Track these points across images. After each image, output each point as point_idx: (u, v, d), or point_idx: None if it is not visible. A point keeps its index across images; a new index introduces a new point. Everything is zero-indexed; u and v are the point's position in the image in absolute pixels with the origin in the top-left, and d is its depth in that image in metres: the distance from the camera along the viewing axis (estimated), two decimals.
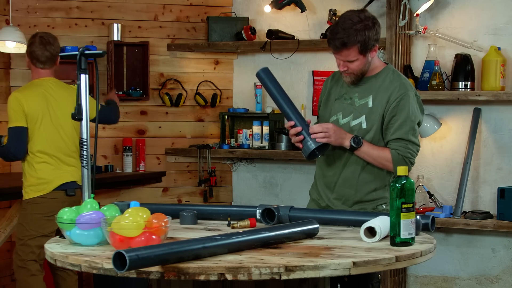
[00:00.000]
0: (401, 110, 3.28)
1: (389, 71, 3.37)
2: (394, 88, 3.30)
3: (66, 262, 2.45)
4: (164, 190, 5.79)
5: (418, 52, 5.10)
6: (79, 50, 2.86)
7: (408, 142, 3.28)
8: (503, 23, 4.88)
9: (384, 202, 3.38)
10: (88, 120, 2.88)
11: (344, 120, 3.36)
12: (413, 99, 3.32)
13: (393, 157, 3.26)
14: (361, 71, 3.32)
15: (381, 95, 3.31)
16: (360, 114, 3.33)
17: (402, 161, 3.25)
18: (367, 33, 3.22)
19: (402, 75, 3.41)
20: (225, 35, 5.63)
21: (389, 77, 3.34)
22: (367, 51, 3.26)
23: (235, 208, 3.25)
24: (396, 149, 3.27)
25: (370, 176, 3.35)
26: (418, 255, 2.52)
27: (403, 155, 3.27)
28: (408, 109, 3.28)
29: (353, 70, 3.30)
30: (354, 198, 3.36)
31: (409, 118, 3.28)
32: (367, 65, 3.31)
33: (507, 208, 4.66)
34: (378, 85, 3.34)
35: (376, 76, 3.36)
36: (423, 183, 4.99)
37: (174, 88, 5.77)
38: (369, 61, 3.30)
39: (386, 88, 3.32)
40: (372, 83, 3.35)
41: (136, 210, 2.48)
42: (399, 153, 3.27)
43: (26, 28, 5.43)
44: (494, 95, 4.70)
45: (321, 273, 2.30)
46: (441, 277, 5.12)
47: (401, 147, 3.27)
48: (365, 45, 3.23)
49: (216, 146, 5.67)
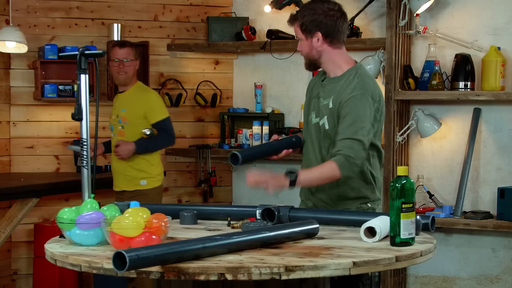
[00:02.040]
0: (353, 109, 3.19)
1: (352, 73, 3.30)
2: (351, 89, 3.24)
3: (66, 262, 2.45)
4: (164, 190, 5.78)
5: (418, 52, 5.10)
6: (79, 50, 2.86)
7: (354, 141, 3.16)
8: (503, 23, 4.88)
9: (368, 201, 3.35)
10: (88, 120, 2.88)
11: (315, 119, 3.36)
12: (368, 100, 3.21)
13: (336, 162, 3.13)
14: (306, 54, 3.33)
15: (339, 95, 3.27)
16: (323, 115, 3.31)
17: (345, 162, 3.13)
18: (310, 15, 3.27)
19: (367, 77, 3.32)
20: (225, 35, 5.63)
21: (350, 80, 3.28)
22: (308, 34, 3.29)
23: (235, 208, 3.25)
24: (339, 150, 3.16)
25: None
26: (418, 255, 2.52)
27: (344, 154, 3.13)
28: (360, 107, 3.19)
29: (302, 52, 3.35)
30: (336, 196, 3.33)
31: (359, 118, 3.18)
32: (315, 52, 3.31)
33: (507, 208, 4.65)
34: (340, 87, 3.29)
35: (341, 77, 3.31)
36: (423, 183, 4.99)
37: (174, 88, 5.77)
38: (315, 48, 3.30)
39: (345, 89, 3.27)
40: (335, 84, 3.31)
41: (136, 210, 2.48)
42: (341, 153, 3.14)
43: (26, 28, 5.43)
44: (494, 95, 4.70)
45: (321, 273, 2.30)
46: (441, 277, 5.12)
47: (345, 146, 3.15)
48: (305, 26, 3.28)
49: (216, 146, 5.67)
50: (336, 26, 3.29)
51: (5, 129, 5.48)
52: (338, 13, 3.31)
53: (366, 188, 3.34)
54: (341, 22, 3.30)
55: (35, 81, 5.44)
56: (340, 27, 3.30)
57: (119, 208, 2.67)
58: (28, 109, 5.52)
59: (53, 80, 5.45)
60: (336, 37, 3.30)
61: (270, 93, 5.72)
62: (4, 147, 5.46)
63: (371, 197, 3.35)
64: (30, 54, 5.43)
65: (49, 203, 5.41)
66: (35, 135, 5.54)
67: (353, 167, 3.15)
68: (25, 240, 5.50)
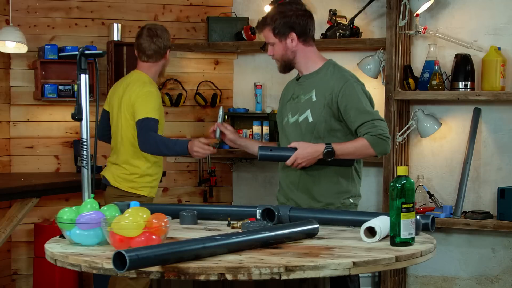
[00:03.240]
0: (350, 98, 3.34)
1: (330, 66, 3.46)
2: (335, 80, 3.39)
3: (66, 262, 2.45)
4: (164, 190, 5.79)
5: (418, 52, 5.10)
6: (79, 50, 2.86)
7: (373, 121, 3.31)
8: (503, 23, 4.88)
9: (350, 195, 3.42)
10: (88, 120, 2.88)
11: (293, 118, 3.45)
12: (356, 85, 3.38)
13: (369, 141, 3.28)
14: (282, 57, 3.44)
15: (323, 87, 3.39)
16: (305, 109, 3.41)
17: (379, 140, 3.28)
18: (280, 17, 3.38)
19: (343, 68, 3.49)
20: (225, 35, 5.63)
21: (330, 71, 3.43)
22: (282, 36, 3.39)
23: (235, 208, 3.25)
24: (367, 132, 3.30)
25: (331, 168, 3.39)
26: (418, 255, 2.52)
27: (376, 134, 3.29)
28: (356, 95, 3.34)
29: (275, 55, 3.45)
30: (319, 192, 3.39)
31: (361, 101, 3.34)
32: (290, 53, 3.42)
33: (507, 208, 4.65)
34: (319, 79, 3.42)
35: (318, 71, 3.45)
36: (423, 183, 4.99)
37: (174, 88, 5.77)
38: (290, 49, 3.41)
39: (327, 80, 3.40)
40: (314, 79, 3.44)
41: (136, 210, 2.48)
42: (371, 134, 3.29)
43: (26, 28, 5.43)
44: (494, 95, 4.70)
45: (321, 273, 2.30)
46: (441, 277, 5.12)
47: (370, 128, 3.30)
48: (277, 29, 3.38)
49: (216, 146, 5.67)
50: (308, 25, 3.44)
51: (5, 129, 5.48)
52: (307, 12, 3.46)
53: (349, 183, 3.43)
54: (310, 21, 3.46)
55: (35, 81, 5.44)
56: (311, 25, 3.46)
57: (119, 208, 2.67)
58: (28, 109, 5.52)
59: (53, 80, 5.46)
60: (308, 35, 3.45)
61: (270, 93, 5.72)
62: (4, 147, 5.46)
63: (353, 192, 3.42)
64: (30, 54, 5.43)
65: (49, 203, 5.41)
66: (35, 135, 5.55)
67: (385, 143, 3.30)
68: (25, 240, 5.50)
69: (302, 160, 3.29)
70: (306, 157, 3.29)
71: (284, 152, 3.35)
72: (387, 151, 3.35)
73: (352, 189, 3.43)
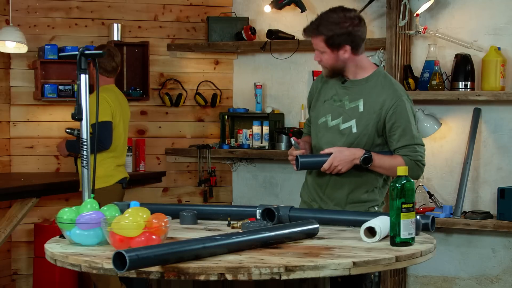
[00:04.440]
0: (400, 117, 3.24)
1: (380, 75, 3.32)
2: (388, 95, 3.25)
3: (66, 262, 2.45)
4: (164, 190, 5.79)
5: (418, 52, 5.10)
6: (79, 50, 2.86)
7: (415, 145, 3.27)
8: (503, 23, 4.88)
9: (376, 204, 3.37)
10: (88, 120, 2.88)
11: (333, 122, 3.32)
12: (408, 103, 3.28)
13: (407, 163, 3.21)
14: (331, 66, 3.28)
15: (373, 100, 3.26)
16: (350, 118, 3.29)
17: (415, 166, 3.25)
18: (337, 29, 3.19)
19: (393, 79, 3.37)
20: (225, 35, 5.63)
21: (381, 82, 3.29)
22: (335, 47, 3.22)
23: (235, 208, 3.25)
24: (406, 155, 3.25)
25: (361, 178, 3.31)
26: (418, 255, 2.52)
27: (414, 159, 3.26)
28: (407, 114, 3.25)
29: (324, 63, 3.28)
30: (346, 200, 3.33)
31: (410, 123, 3.25)
32: (341, 63, 3.26)
33: (507, 208, 4.65)
34: (369, 90, 3.28)
35: (367, 79, 3.31)
36: (423, 183, 4.99)
37: (174, 88, 5.77)
38: (341, 59, 3.25)
39: (378, 94, 3.27)
40: (362, 87, 3.30)
41: (136, 210, 2.48)
42: (411, 158, 3.25)
43: (26, 28, 5.43)
44: (494, 95, 4.70)
45: (321, 273, 2.30)
46: (441, 277, 5.12)
47: (411, 152, 3.26)
48: (332, 40, 3.20)
49: (216, 146, 5.67)
50: (362, 35, 3.26)
51: (5, 129, 5.48)
52: (362, 21, 3.27)
53: (379, 192, 3.37)
54: (364, 29, 3.28)
55: (35, 81, 5.44)
56: (364, 34, 3.28)
57: (119, 208, 2.67)
58: (28, 109, 5.52)
59: (53, 80, 5.46)
60: (361, 46, 3.28)
61: (270, 93, 5.72)
62: (4, 147, 5.46)
63: (379, 201, 3.37)
64: (30, 54, 5.43)
65: (49, 203, 5.41)
66: (35, 135, 5.55)
67: (420, 171, 3.30)
68: (25, 240, 5.51)
69: (338, 163, 3.19)
70: (343, 160, 3.20)
71: (321, 157, 3.24)
72: (419, 177, 3.35)
73: (380, 198, 3.37)
